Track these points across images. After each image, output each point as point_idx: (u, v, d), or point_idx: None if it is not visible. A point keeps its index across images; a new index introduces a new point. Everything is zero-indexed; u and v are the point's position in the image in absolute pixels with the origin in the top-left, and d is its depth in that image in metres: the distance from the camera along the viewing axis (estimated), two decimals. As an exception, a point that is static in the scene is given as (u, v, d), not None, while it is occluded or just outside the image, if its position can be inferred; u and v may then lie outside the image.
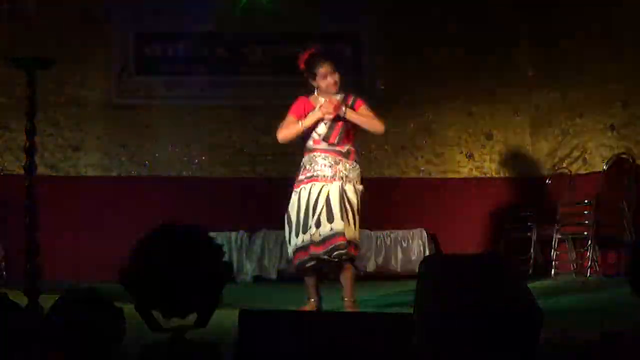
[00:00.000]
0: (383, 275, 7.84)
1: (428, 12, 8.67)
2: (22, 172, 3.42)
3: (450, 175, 8.66)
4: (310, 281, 5.20)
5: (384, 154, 8.64)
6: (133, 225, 7.19)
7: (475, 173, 8.70)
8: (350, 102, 5.24)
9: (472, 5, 8.71)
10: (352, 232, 5.06)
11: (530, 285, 3.32)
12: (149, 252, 3.18)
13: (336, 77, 5.18)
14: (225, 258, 3.35)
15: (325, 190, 5.09)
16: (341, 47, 8.55)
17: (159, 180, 8.41)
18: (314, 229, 5.02)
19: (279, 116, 8.52)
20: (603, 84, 7.71)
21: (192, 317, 3.28)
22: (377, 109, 5.40)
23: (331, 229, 4.99)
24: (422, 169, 8.65)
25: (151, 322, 3.23)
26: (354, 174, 5.24)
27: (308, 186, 5.14)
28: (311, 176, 5.16)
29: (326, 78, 5.15)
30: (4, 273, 7.71)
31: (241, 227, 8.19)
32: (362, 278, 7.03)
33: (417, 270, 3.46)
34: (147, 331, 3.43)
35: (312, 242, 5.03)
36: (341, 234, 4.99)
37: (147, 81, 8.48)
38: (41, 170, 7.70)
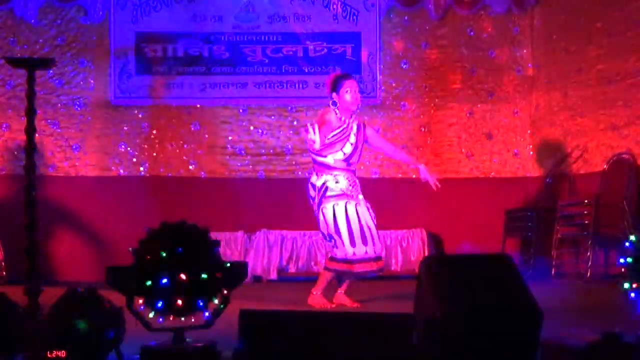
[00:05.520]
0: (383, 275, 7.82)
1: (426, 10, 8.66)
2: (22, 172, 3.41)
3: (450, 175, 8.64)
4: (329, 278, 5.69)
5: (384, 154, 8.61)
6: (133, 226, 7.24)
7: (475, 173, 8.69)
8: (362, 128, 5.78)
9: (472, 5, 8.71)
10: None
11: (530, 285, 3.32)
12: (149, 252, 3.18)
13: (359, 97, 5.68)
14: (225, 259, 3.35)
15: (358, 209, 5.56)
16: (341, 47, 8.54)
17: (159, 180, 8.40)
18: (370, 247, 5.54)
19: (279, 116, 8.63)
20: (603, 84, 7.69)
21: (191, 318, 3.28)
22: (378, 109, 5.44)
23: (375, 252, 5.57)
24: (422, 168, 8.63)
25: (144, 321, 3.23)
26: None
27: (342, 202, 5.55)
28: (342, 194, 5.56)
29: (349, 93, 5.59)
30: (4, 273, 7.71)
31: (241, 227, 8.19)
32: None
33: (417, 270, 3.46)
34: (147, 331, 3.43)
35: (368, 259, 5.55)
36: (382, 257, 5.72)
37: (147, 81, 8.48)
38: (41, 170, 7.72)
